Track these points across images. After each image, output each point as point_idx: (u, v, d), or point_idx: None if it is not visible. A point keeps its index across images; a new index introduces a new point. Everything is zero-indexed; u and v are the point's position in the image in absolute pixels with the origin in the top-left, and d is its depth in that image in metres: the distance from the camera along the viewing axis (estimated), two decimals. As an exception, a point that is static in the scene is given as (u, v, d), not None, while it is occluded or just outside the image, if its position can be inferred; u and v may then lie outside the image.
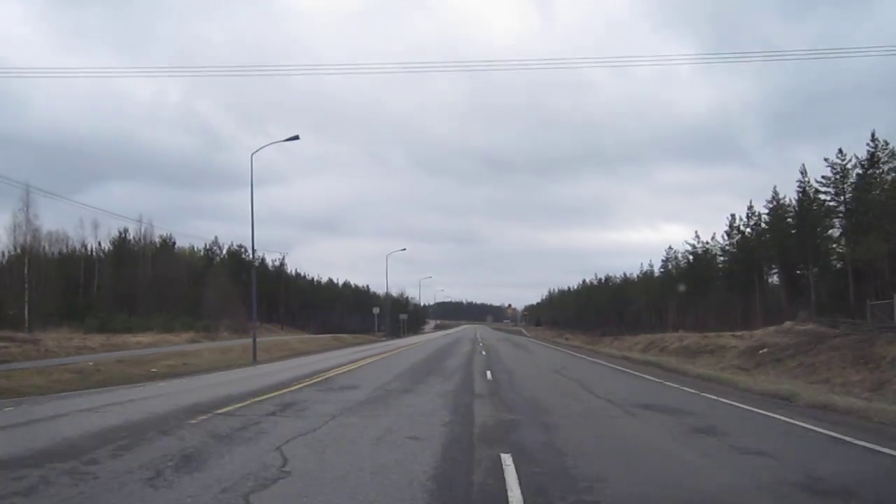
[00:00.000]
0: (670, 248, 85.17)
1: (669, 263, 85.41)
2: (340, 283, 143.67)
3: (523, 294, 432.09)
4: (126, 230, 73.81)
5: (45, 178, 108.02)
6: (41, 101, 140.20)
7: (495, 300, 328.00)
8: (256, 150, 28.23)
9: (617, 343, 41.06)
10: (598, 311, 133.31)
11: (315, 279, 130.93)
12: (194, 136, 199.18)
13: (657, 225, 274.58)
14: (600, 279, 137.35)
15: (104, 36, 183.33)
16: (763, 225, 59.50)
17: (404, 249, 73.20)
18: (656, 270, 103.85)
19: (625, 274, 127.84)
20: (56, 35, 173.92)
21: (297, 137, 27.88)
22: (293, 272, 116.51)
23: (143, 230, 71.79)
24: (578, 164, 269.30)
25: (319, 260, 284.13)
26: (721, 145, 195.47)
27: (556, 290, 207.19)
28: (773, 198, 56.76)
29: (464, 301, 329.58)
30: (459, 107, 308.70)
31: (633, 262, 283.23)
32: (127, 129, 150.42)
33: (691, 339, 30.23)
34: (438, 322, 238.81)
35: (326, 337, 56.80)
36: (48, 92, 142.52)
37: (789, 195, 56.30)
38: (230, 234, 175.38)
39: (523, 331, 59.53)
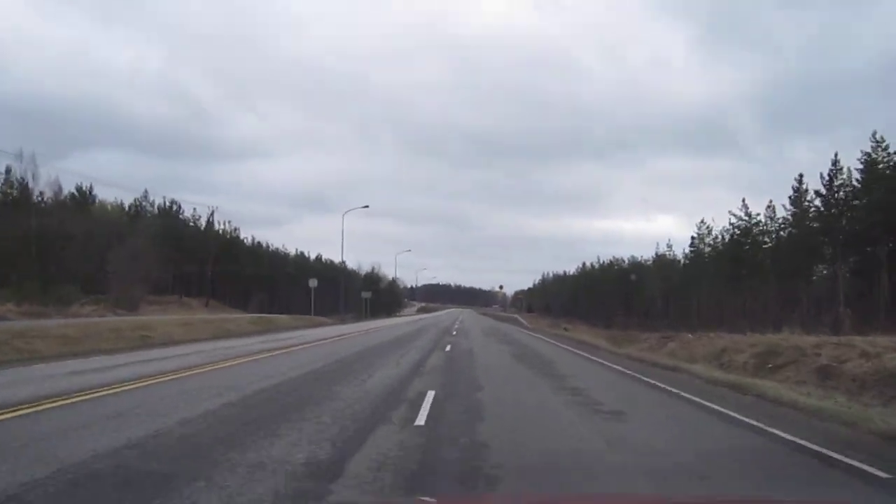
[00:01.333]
0: (702, 222, 69.05)
1: (702, 242, 69.24)
2: (313, 256, 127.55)
3: (512, 279, 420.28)
4: (8, 171, 56.53)
5: (27, 144, 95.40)
6: (20, 67, 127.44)
7: (484, 285, 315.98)
8: None
9: (678, 347, 24.56)
10: (600, 298, 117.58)
11: (280, 250, 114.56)
12: (178, 107, 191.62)
13: (650, 215, 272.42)
14: (603, 262, 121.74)
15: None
16: (855, 183, 43.35)
17: (367, 206, 56.18)
18: (678, 253, 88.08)
19: (633, 257, 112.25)
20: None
21: None
22: (250, 241, 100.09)
23: (23, 171, 54.10)
24: (570, 150, 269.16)
25: (307, 238, 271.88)
26: (716, 135, 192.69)
27: (550, 274, 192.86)
28: (877, 145, 40.63)
29: (452, 284, 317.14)
30: (448, 86, 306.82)
31: (625, 252, 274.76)
32: (108, 97, 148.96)
33: (883, 351, 14.08)
34: (423, 304, 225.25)
35: (245, 318, 40.69)
36: (26, 57, 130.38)
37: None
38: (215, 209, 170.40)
39: (520, 318, 43.78)
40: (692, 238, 70.15)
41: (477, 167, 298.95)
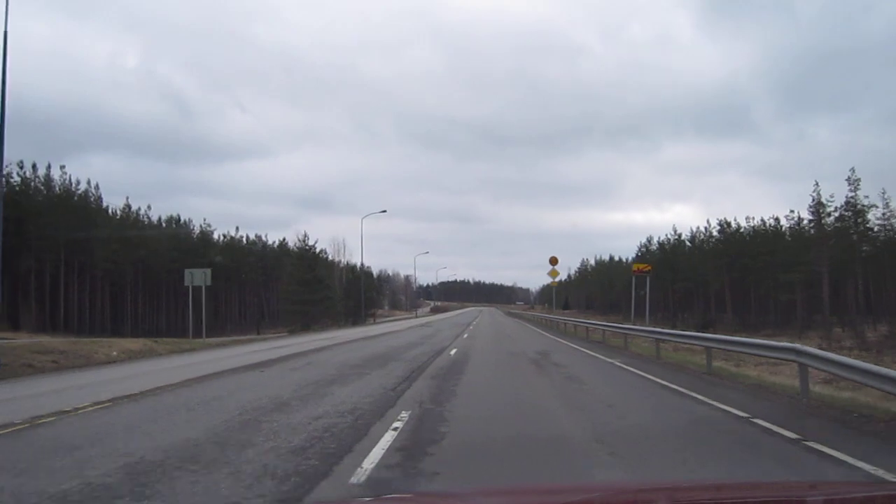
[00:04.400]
0: None
1: None
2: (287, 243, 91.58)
3: (531, 276, 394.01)
4: None
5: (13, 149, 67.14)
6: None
7: (506, 281, 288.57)
8: None
9: None
10: (681, 286, 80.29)
11: (226, 236, 78.84)
12: (169, 108, 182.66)
13: (662, 205, 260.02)
14: (694, 233, 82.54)
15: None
16: None
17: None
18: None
19: (738, 223, 73.18)
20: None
21: None
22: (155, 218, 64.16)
23: None
24: (578, 139, 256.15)
25: (321, 241, 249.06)
26: (730, 116, 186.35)
27: (591, 261, 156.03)
28: None
29: (470, 281, 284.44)
30: (442, 75, 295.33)
31: (629, 245, 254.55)
32: (96, 99, 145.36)
33: None
34: (436, 304, 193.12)
35: None
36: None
37: None
38: (212, 211, 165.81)
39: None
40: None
41: (485, 159, 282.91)
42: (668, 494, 2.46)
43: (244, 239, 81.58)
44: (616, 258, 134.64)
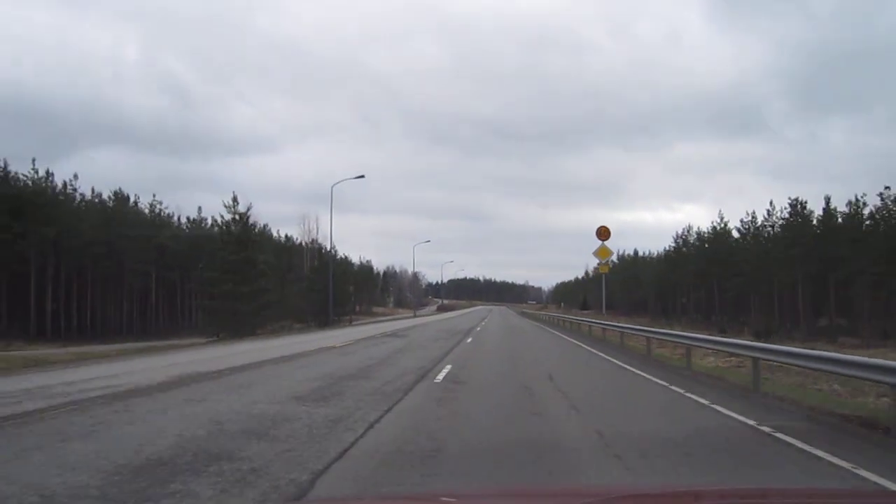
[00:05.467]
0: None
1: None
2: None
3: (542, 275, 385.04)
4: None
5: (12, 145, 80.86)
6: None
7: (516, 280, 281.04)
8: None
9: None
10: (736, 283, 65.89)
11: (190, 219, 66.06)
12: (172, 102, 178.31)
13: (672, 205, 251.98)
14: (748, 220, 67.11)
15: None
16: None
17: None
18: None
19: (806, 206, 58.42)
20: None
21: None
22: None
23: None
24: (587, 136, 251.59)
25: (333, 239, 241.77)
26: (742, 115, 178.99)
27: (614, 257, 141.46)
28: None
29: (480, 279, 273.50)
30: (449, 71, 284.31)
31: (648, 244, 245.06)
32: (94, 90, 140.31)
33: None
34: (445, 302, 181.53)
35: None
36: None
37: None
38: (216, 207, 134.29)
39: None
40: None
41: (491, 156, 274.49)
42: (670, 501, 2.38)
43: (208, 223, 68.42)
44: (642, 253, 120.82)
